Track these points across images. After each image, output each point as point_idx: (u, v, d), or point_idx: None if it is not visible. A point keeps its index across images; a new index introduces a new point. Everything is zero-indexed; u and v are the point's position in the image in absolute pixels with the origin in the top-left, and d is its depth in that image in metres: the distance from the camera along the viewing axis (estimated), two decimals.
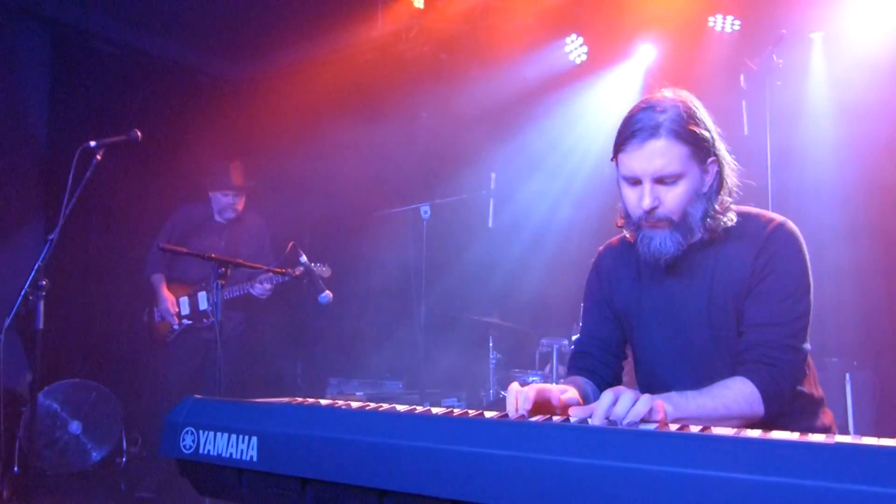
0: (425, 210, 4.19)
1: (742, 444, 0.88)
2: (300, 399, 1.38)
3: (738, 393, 1.59)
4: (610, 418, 1.25)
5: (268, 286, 4.42)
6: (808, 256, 1.75)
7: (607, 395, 1.28)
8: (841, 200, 4.44)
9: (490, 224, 4.32)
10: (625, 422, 1.24)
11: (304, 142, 5.82)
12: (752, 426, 1.54)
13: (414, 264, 4.21)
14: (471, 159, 5.49)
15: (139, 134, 3.48)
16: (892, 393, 4.34)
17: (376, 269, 6.27)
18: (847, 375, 4.06)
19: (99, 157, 3.42)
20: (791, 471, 0.83)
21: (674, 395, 1.49)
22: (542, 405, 1.46)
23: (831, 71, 4.57)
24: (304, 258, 3.82)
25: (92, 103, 5.49)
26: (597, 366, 1.94)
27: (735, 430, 1.13)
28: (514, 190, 5.49)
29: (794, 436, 1.04)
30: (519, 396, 1.39)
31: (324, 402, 1.34)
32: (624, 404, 1.27)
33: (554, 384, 1.55)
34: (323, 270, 4.19)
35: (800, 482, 0.81)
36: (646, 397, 1.29)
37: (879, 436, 1.06)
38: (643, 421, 1.26)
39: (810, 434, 1.10)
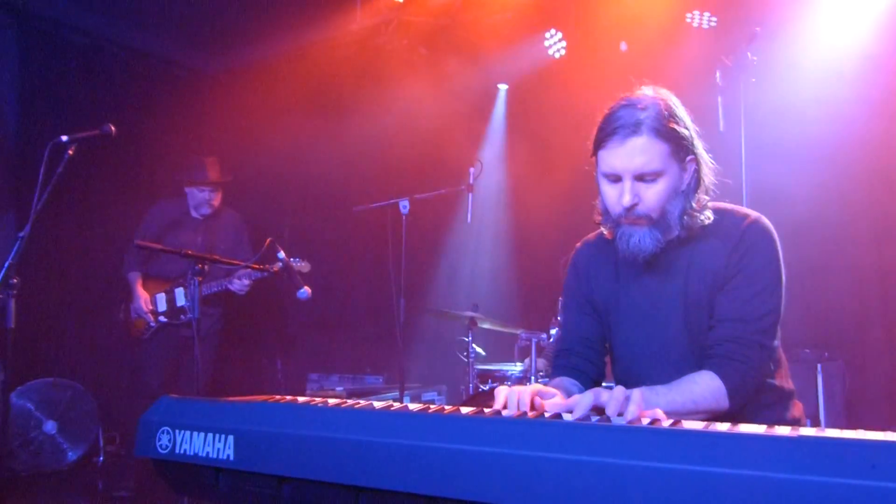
0: (404, 205, 4.18)
1: (710, 438, 0.90)
2: (277, 397, 1.38)
3: (706, 388, 1.62)
4: (612, 419, 1.27)
5: (246, 282, 4.41)
6: (780, 253, 1.78)
7: (587, 396, 1.30)
8: (814, 196, 4.50)
9: (469, 219, 4.33)
10: (627, 418, 1.25)
11: (282, 136, 5.79)
12: (718, 419, 1.56)
13: (393, 259, 4.21)
14: (450, 154, 5.50)
15: (112, 128, 3.44)
16: (861, 383, 4.43)
17: (356, 264, 6.27)
18: (818, 367, 4.13)
19: (71, 151, 3.38)
20: (759, 464, 0.85)
21: (644, 390, 1.51)
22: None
23: (806, 68, 4.63)
24: (282, 254, 3.81)
25: (63, 96, 5.40)
26: (580, 363, 1.95)
27: (703, 423, 1.16)
28: (493, 185, 5.52)
29: (760, 429, 1.07)
30: (511, 397, 1.40)
31: (300, 399, 1.34)
32: (618, 405, 1.30)
33: (543, 385, 1.56)
34: (301, 266, 4.19)
35: (766, 474, 0.84)
36: (634, 393, 1.31)
37: (849, 424, 1.09)
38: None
39: (777, 427, 1.12)
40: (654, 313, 1.85)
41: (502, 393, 1.44)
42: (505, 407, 1.40)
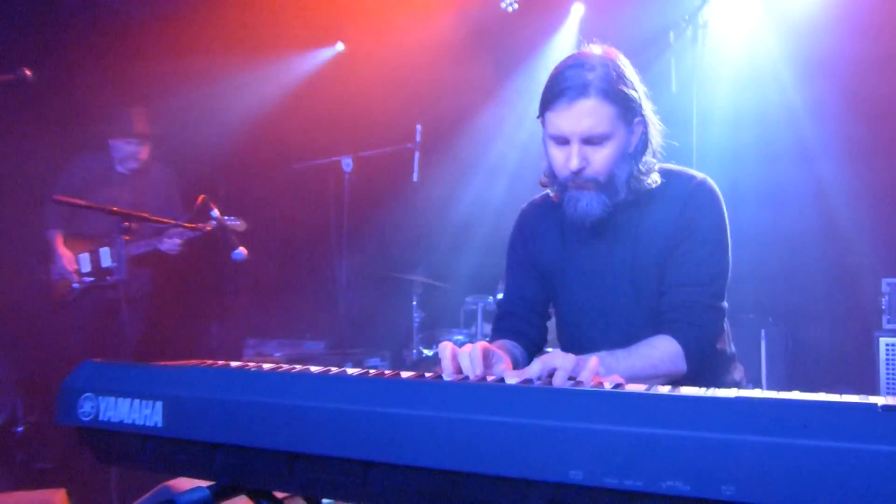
0: (347, 163, 4.15)
1: (651, 400, 0.93)
2: (209, 362, 1.37)
3: (664, 352, 1.69)
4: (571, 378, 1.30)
5: (177, 241, 4.31)
6: (726, 215, 1.83)
7: (535, 364, 1.32)
8: (762, 159, 4.63)
9: (415, 178, 4.32)
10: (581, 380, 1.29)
11: (218, 86, 5.63)
12: (677, 383, 1.63)
13: (335, 219, 4.18)
14: (396, 109, 5.45)
15: (29, 73, 3.28)
16: (802, 348, 4.64)
17: (295, 223, 6.20)
18: (762, 332, 4.31)
19: None
20: (698, 424, 0.89)
21: (604, 355, 1.56)
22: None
23: (762, 29, 4.72)
24: (215, 212, 3.74)
25: None
26: (523, 326, 2.00)
27: (645, 386, 1.19)
28: (441, 143, 5.49)
29: (701, 391, 1.11)
30: (463, 357, 1.42)
31: (234, 364, 1.33)
32: (567, 363, 1.32)
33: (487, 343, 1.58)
34: (237, 225, 4.11)
35: (706, 435, 0.88)
36: (589, 360, 1.35)
37: (790, 387, 1.14)
38: (572, 379, 1.32)
39: (717, 389, 1.17)
40: (601, 277, 1.89)
41: (447, 349, 1.45)
42: (456, 366, 1.42)
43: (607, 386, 1.18)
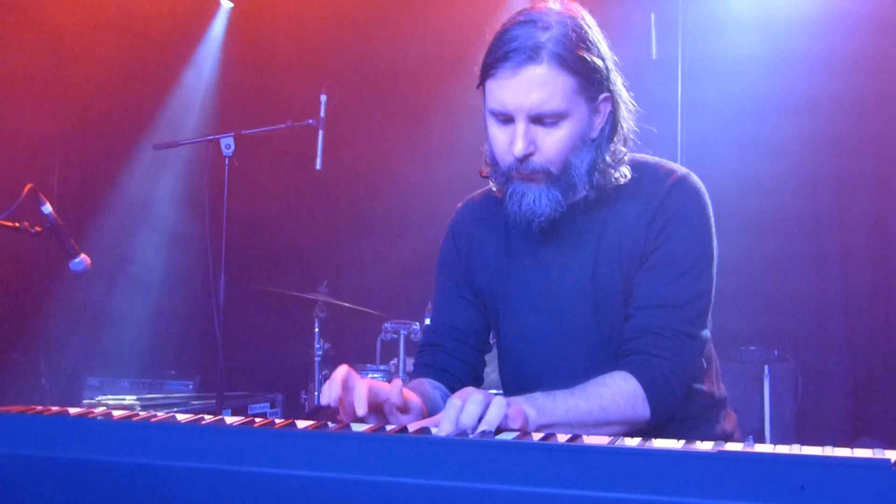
0: (227, 143, 4.11)
1: (614, 457, 0.97)
2: (38, 408, 1.35)
3: (618, 391, 1.69)
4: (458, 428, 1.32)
5: None
6: (713, 220, 1.89)
7: (454, 402, 1.35)
8: (767, 152, 4.71)
9: (318, 166, 4.31)
10: (476, 431, 1.31)
11: (52, 37, 5.51)
12: (638, 433, 1.65)
13: (212, 219, 4.13)
14: (293, 75, 5.43)
15: None
16: (815, 388, 4.75)
17: (157, 225, 6.10)
18: (765, 369, 4.42)
19: None
20: (673, 488, 0.93)
21: (538, 395, 1.58)
22: (374, 408, 1.52)
23: None
24: (48, 207, 3.66)
25: None
26: (449, 363, 2.01)
27: (609, 439, 1.24)
28: (352, 120, 5.50)
29: (677, 444, 1.16)
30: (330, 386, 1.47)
31: (72, 411, 1.32)
32: (472, 410, 1.33)
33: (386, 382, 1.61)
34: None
35: (676, 500, 0.92)
36: (498, 401, 1.36)
37: (800, 439, 1.19)
38: (499, 430, 1.34)
39: (698, 442, 1.22)
40: (553, 295, 1.92)
41: (340, 372, 1.52)
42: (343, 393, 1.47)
43: (560, 438, 1.22)
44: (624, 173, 1.87)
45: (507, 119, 1.78)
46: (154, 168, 5.59)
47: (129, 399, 5.04)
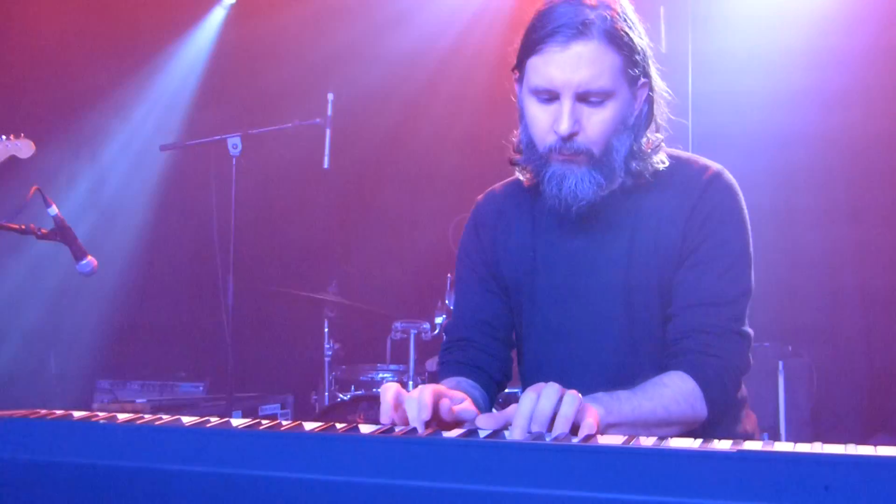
0: (235, 143, 4.11)
1: (630, 458, 0.95)
2: (42, 412, 1.35)
3: (678, 391, 1.66)
4: (532, 429, 1.29)
5: None
6: (748, 217, 1.87)
7: (529, 397, 1.31)
8: (780, 149, 4.72)
9: (326, 164, 4.31)
10: (554, 433, 1.28)
11: (55, 38, 5.53)
12: (692, 433, 1.60)
13: (219, 219, 4.14)
14: (302, 74, 5.42)
15: None
16: (832, 383, 4.73)
17: (165, 226, 6.11)
18: (780, 365, 4.40)
19: None
20: (691, 490, 0.91)
21: (602, 395, 1.53)
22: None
23: None
24: (54, 209, 3.67)
25: None
26: (482, 359, 1.96)
27: (624, 438, 1.22)
28: (360, 118, 5.49)
29: (694, 444, 1.14)
30: (410, 403, 1.39)
31: (77, 414, 1.32)
32: (547, 403, 1.30)
33: (443, 386, 1.57)
34: None
35: (700, 503, 0.90)
36: (571, 396, 1.33)
37: (815, 438, 1.18)
38: (575, 428, 1.31)
39: (716, 441, 1.20)
40: (583, 290, 1.89)
41: (389, 392, 1.44)
42: (398, 412, 1.41)
43: (645, 441, 1.19)
44: (662, 160, 1.85)
45: (550, 97, 1.74)
46: (158, 170, 5.59)
47: (139, 402, 5.06)
